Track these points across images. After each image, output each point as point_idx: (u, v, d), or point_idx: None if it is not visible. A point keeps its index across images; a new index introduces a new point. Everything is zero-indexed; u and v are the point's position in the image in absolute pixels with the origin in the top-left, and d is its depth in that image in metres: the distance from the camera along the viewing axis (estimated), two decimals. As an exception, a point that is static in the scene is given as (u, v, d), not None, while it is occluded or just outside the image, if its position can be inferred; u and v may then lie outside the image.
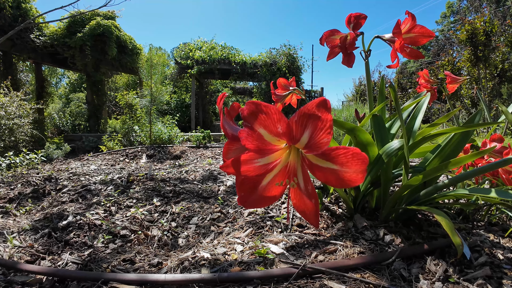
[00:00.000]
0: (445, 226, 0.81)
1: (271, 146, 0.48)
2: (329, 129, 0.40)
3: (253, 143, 0.47)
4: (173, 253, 1.13)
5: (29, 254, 1.29)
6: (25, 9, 5.30)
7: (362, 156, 0.41)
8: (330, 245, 0.96)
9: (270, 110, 0.43)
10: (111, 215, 1.66)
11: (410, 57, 1.13)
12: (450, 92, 2.12)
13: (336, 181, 0.44)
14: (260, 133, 0.45)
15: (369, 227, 1.09)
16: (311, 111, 0.41)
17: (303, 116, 0.42)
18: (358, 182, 0.44)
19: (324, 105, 0.40)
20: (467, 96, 7.84)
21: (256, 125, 0.45)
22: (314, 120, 0.41)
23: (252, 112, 0.44)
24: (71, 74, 12.44)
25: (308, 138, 0.43)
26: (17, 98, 4.05)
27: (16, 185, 2.41)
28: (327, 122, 0.41)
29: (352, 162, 0.42)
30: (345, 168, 0.43)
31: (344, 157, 0.42)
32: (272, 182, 0.52)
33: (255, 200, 0.53)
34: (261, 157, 0.50)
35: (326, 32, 1.19)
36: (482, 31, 6.78)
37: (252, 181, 0.52)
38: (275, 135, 0.45)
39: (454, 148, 1.22)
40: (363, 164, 0.42)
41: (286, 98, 2.03)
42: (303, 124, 0.42)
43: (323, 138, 0.41)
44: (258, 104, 0.43)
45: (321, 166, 0.45)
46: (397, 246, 0.97)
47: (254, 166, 0.50)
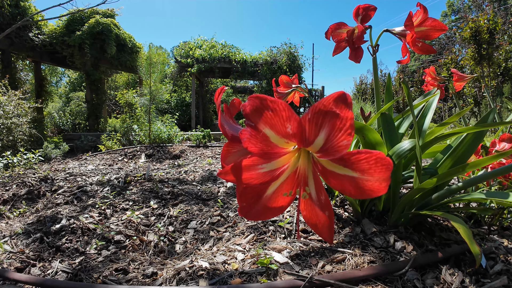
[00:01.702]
0: (463, 234, 0.74)
1: (278, 149, 0.41)
2: (349, 129, 0.33)
3: (257, 145, 0.40)
4: (169, 261, 1.06)
5: (19, 261, 1.23)
6: (23, 8, 5.22)
7: (386, 161, 0.34)
8: (338, 253, 0.90)
9: (278, 106, 0.36)
10: (106, 219, 1.60)
11: (421, 52, 1.06)
12: (457, 90, 2.05)
13: (355, 190, 0.38)
14: (266, 134, 0.38)
15: (379, 233, 1.02)
16: (327, 107, 0.34)
17: (318, 113, 0.34)
18: (381, 192, 0.37)
19: (344, 100, 0.33)
20: (470, 94, 7.75)
21: (261, 124, 0.38)
22: (331, 118, 0.34)
23: (256, 108, 0.37)
24: (71, 73, 12.37)
25: (324, 140, 0.36)
26: (15, 97, 3.99)
27: (11, 186, 2.35)
28: (347, 121, 0.33)
29: (376, 169, 0.35)
30: (366, 176, 0.36)
31: (366, 163, 0.35)
32: (278, 191, 0.45)
33: (259, 211, 0.47)
34: (266, 162, 0.42)
35: (332, 26, 1.12)
36: (486, 29, 6.68)
37: (255, 190, 0.45)
38: (284, 136, 0.39)
39: (467, 149, 1.15)
40: (387, 171, 0.35)
41: (288, 96, 1.96)
42: (318, 123, 0.35)
43: (342, 140, 0.34)
44: (263, 98, 0.36)
45: (337, 173, 0.38)
46: (409, 254, 0.90)
47: (257, 173, 0.43)
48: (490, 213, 0.96)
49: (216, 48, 9.88)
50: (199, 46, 9.94)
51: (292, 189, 0.44)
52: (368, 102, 6.32)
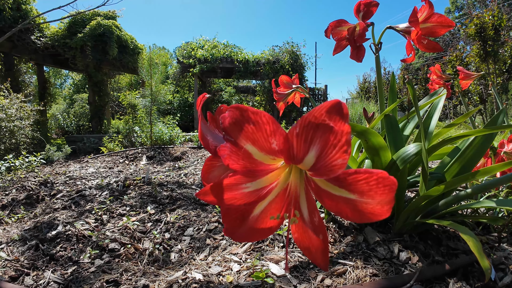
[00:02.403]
0: (473, 248, 0.69)
1: (264, 166, 0.36)
2: (345, 145, 0.28)
3: (239, 163, 0.35)
4: (163, 272, 1.02)
5: (14, 269, 1.21)
6: (25, 11, 5.23)
7: (390, 181, 0.29)
8: (339, 265, 0.84)
9: (261, 119, 0.31)
10: (102, 225, 1.57)
11: (427, 50, 1.00)
12: (463, 88, 1.98)
13: (353, 213, 0.32)
14: (248, 151, 0.33)
15: (382, 242, 0.97)
16: (319, 119, 0.29)
17: (308, 127, 0.29)
18: (383, 216, 0.32)
19: (339, 111, 0.28)
20: (475, 92, 7.58)
21: (242, 140, 0.33)
22: (324, 133, 0.29)
23: (236, 121, 0.32)
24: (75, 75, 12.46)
25: (315, 159, 0.31)
26: (18, 100, 4.00)
27: (11, 190, 2.34)
28: (343, 136, 0.28)
29: (377, 190, 0.30)
30: (366, 198, 0.31)
31: (365, 184, 0.30)
32: (266, 212, 0.40)
33: (245, 233, 0.41)
34: (251, 181, 0.38)
35: (332, 23, 1.06)
36: (490, 25, 6.53)
37: (239, 211, 0.40)
38: (269, 153, 0.34)
39: (476, 152, 1.09)
40: (390, 192, 0.30)
41: (289, 97, 1.91)
42: (308, 138, 0.30)
43: (337, 159, 0.29)
44: (244, 109, 0.31)
45: (333, 194, 0.33)
46: (415, 265, 0.84)
47: (241, 193, 0.38)
48: (501, 223, 0.90)
49: (218, 48, 9.84)
50: (201, 47, 9.91)
51: (281, 210, 0.39)
52: (371, 101, 6.22)
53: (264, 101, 9.93)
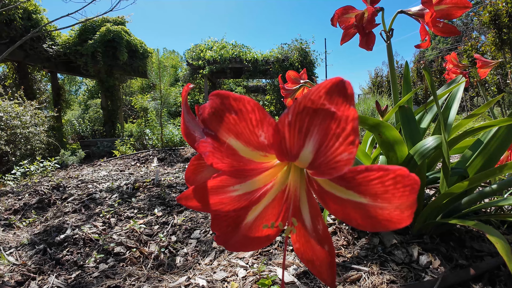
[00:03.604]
0: (501, 250, 0.60)
1: (255, 165, 0.30)
2: (351, 135, 0.22)
3: (223, 161, 0.29)
4: (166, 277, 0.98)
5: (20, 274, 1.21)
6: (36, 20, 5.40)
7: (411, 180, 0.23)
8: (352, 270, 0.78)
9: (245, 107, 0.25)
10: (110, 228, 1.55)
11: (443, 34, 0.91)
12: (482, 77, 1.84)
13: (365, 220, 0.26)
14: (231, 146, 0.28)
15: (400, 245, 0.89)
16: (317, 103, 0.23)
17: (304, 113, 0.23)
18: (403, 224, 0.25)
19: (342, 92, 0.22)
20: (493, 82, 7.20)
21: (223, 133, 0.27)
22: (323, 119, 0.23)
23: (216, 110, 0.26)
24: (89, 81, 12.82)
25: (314, 154, 0.25)
26: (32, 107, 4.12)
27: (23, 195, 2.39)
28: (347, 123, 0.22)
29: (395, 192, 0.23)
30: (380, 202, 0.24)
31: (379, 184, 0.23)
32: (261, 218, 0.34)
33: (239, 242, 0.36)
34: (240, 182, 0.32)
35: (338, 10, 0.99)
36: (505, 12, 6.20)
37: (230, 217, 0.35)
38: (257, 147, 0.28)
39: (500, 144, 1.00)
40: (412, 194, 0.23)
41: (297, 93, 1.84)
42: (304, 127, 0.24)
43: (341, 153, 0.23)
44: (224, 96, 0.26)
45: (339, 197, 0.27)
46: (436, 270, 0.76)
47: (229, 197, 0.32)
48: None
49: (226, 49, 9.84)
50: (209, 48, 9.94)
51: (278, 217, 0.33)
52: (384, 95, 6.01)
53: (275, 100, 9.85)
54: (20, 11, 4.95)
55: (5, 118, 3.66)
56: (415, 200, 0.25)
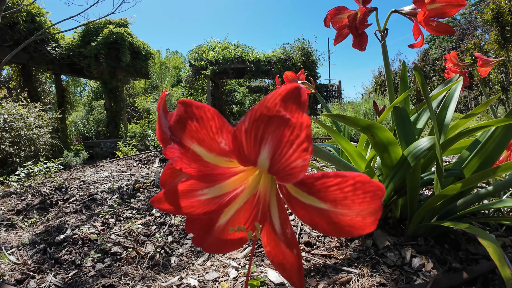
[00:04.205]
0: (493, 254, 0.60)
1: (223, 170, 0.31)
2: (305, 142, 0.22)
3: (191, 166, 0.30)
4: (160, 277, 0.99)
5: (20, 272, 1.23)
6: (39, 23, 5.49)
7: (372, 187, 0.23)
8: (342, 272, 0.77)
9: (205, 114, 0.26)
10: (109, 228, 1.57)
11: (438, 33, 0.90)
12: (483, 76, 1.82)
13: (329, 226, 0.26)
14: (196, 152, 0.29)
15: (393, 247, 0.88)
16: (272, 110, 0.23)
17: (259, 120, 0.23)
18: (366, 230, 0.25)
19: (296, 99, 0.22)
20: (496, 81, 7.09)
21: (187, 140, 0.28)
22: (277, 127, 0.23)
23: (180, 118, 0.27)
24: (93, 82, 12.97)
25: (270, 160, 0.25)
26: (36, 109, 4.18)
27: (26, 196, 2.42)
28: (302, 130, 0.22)
29: (355, 199, 0.23)
30: (340, 209, 0.24)
31: (338, 191, 0.23)
32: (233, 221, 0.35)
33: (213, 244, 0.36)
34: (208, 187, 0.32)
35: (331, 11, 0.99)
36: (507, 9, 6.11)
37: (203, 220, 0.35)
38: (219, 153, 0.28)
39: (497, 145, 0.98)
40: (374, 201, 0.23)
41: (293, 94, 1.84)
42: (259, 135, 0.24)
43: (295, 160, 0.23)
44: (188, 104, 0.26)
45: (304, 202, 0.27)
46: (429, 273, 0.75)
47: (199, 200, 0.33)
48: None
49: (229, 49, 9.87)
50: (212, 49, 9.98)
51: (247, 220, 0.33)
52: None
53: (276, 100, 9.85)
54: (24, 14, 5.03)
55: (10, 120, 3.72)
56: (378, 206, 0.25)
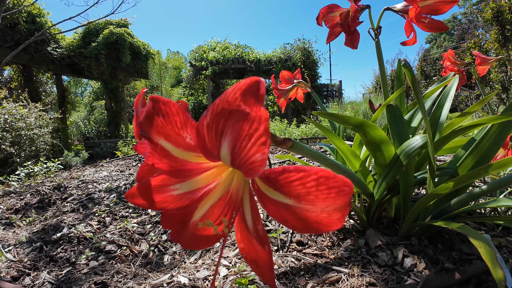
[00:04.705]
0: (484, 255, 0.58)
1: (193, 165, 0.31)
2: (263, 136, 0.22)
3: (162, 161, 0.30)
4: (152, 275, 0.99)
5: (16, 270, 1.24)
6: (40, 23, 5.51)
7: (337, 182, 0.22)
8: (332, 272, 0.77)
9: (171, 110, 0.26)
10: (105, 227, 1.57)
11: (430, 30, 0.89)
12: (481, 74, 1.80)
13: (297, 222, 0.26)
14: (164, 147, 0.29)
15: (385, 247, 0.87)
16: (233, 104, 0.22)
17: (220, 114, 0.23)
18: (334, 227, 0.25)
19: (255, 92, 0.22)
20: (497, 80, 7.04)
21: (154, 135, 0.28)
22: (237, 121, 0.23)
23: (148, 113, 0.27)
24: (94, 83, 13.03)
25: (230, 155, 0.24)
26: (36, 109, 4.20)
27: (25, 195, 2.43)
28: (260, 124, 0.22)
29: (318, 195, 0.23)
30: (305, 204, 0.24)
31: (300, 186, 0.23)
32: (207, 217, 0.35)
33: (189, 240, 0.36)
34: (180, 182, 0.32)
35: (323, 9, 0.98)
36: (507, 8, 6.07)
37: (178, 215, 0.35)
38: (186, 148, 0.28)
39: (492, 143, 0.97)
40: (339, 197, 0.23)
41: (290, 93, 1.83)
42: (219, 129, 0.24)
43: (255, 154, 0.22)
44: (156, 100, 0.26)
45: (271, 198, 0.26)
46: (420, 274, 0.75)
47: (171, 196, 0.32)
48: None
49: (229, 49, 9.87)
50: (212, 49, 9.99)
51: (219, 216, 0.33)
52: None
53: (277, 100, 9.85)
54: (24, 15, 5.06)
55: (10, 120, 3.74)
56: (345, 203, 0.24)
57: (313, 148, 0.52)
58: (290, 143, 0.46)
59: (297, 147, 0.48)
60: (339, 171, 0.70)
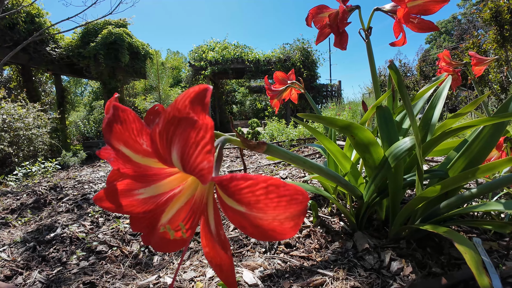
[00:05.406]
0: (469, 261, 0.57)
1: (156, 170, 0.31)
2: (208, 144, 0.22)
3: (126, 166, 0.30)
4: (140, 275, 0.99)
5: (10, 269, 1.24)
6: (39, 23, 5.52)
7: (288, 191, 0.22)
8: (317, 275, 0.76)
9: (128, 117, 0.26)
10: (97, 227, 1.57)
11: (420, 30, 0.89)
12: (477, 75, 1.79)
13: (253, 229, 0.25)
14: (124, 153, 0.29)
15: (373, 250, 0.87)
16: (182, 112, 0.22)
17: (171, 122, 0.23)
18: (287, 235, 0.24)
19: (202, 100, 0.22)
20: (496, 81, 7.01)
21: (114, 141, 0.28)
22: (185, 128, 0.22)
23: (109, 120, 0.27)
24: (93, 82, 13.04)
25: (180, 162, 0.25)
26: (34, 109, 4.20)
27: (22, 195, 2.44)
28: (207, 132, 0.22)
29: (268, 203, 0.23)
30: (256, 212, 0.24)
31: (250, 194, 0.23)
32: (174, 221, 0.34)
33: (158, 243, 0.36)
34: (144, 187, 0.32)
35: (312, 10, 0.98)
36: (506, 8, 6.05)
37: (146, 219, 0.35)
38: (145, 155, 0.28)
39: (484, 145, 0.96)
40: (291, 205, 0.22)
41: (284, 94, 1.83)
42: (169, 137, 0.24)
43: (202, 161, 0.22)
44: (115, 107, 0.26)
45: (228, 205, 0.26)
46: (407, 278, 0.74)
47: (137, 200, 0.32)
48: (508, 230, 0.77)
49: (228, 49, 9.87)
50: (211, 49, 9.99)
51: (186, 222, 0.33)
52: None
53: (276, 100, 9.84)
54: (23, 15, 5.06)
55: (9, 120, 3.75)
56: (298, 211, 0.24)
57: (290, 151, 0.52)
58: (265, 146, 0.46)
59: (272, 150, 0.47)
60: (321, 173, 0.70)
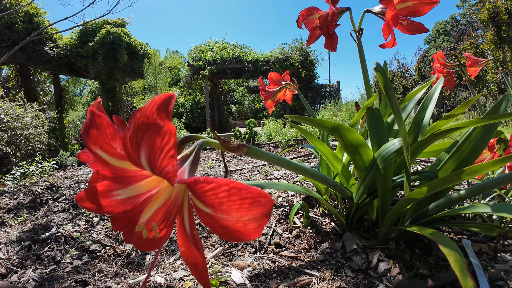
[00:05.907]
0: (453, 264, 0.57)
1: (133, 172, 0.32)
2: (172, 149, 0.23)
3: (104, 168, 0.31)
4: (131, 274, 1.00)
5: (5, 267, 1.25)
6: (37, 23, 5.51)
7: (250, 193, 0.23)
8: (304, 275, 0.77)
9: (102, 122, 0.28)
10: (92, 226, 1.58)
11: (410, 32, 0.89)
12: (472, 76, 1.80)
13: (221, 230, 0.26)
14: (101, 156, 0.30)
15: (361, 250, 0.88)
16: (150, 118, 0.24)
17: (140, 128, 0.24)
18: (251, 236, 0.25)
19: (166, 107, 0.23)
20: (493, 82, 7.03)
21: (91, 145, 0.30)
22: (152, 134, 0.24)
23: (86, 125, 0.29)
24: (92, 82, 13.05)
25: (148, 164, 0.26)
26: (32, 109, 4.21)
27: (18, 194, 2.44)
28: (171, 137, 0.23)
29: (231, 205, 0.24)
30: (220, 214, 0.25)
31: (213, 196, 0.24)
32: (152, 220, 0.35)
33: (138, 242, 0.37)
34: (122, 188, 0.34)
35: (303, 12, 0.98)
36: (503, 9, 6.07)
37: (126, 218, 0.36)
38: (120, 158, 0.30)
39: (474, 147, 0.97)
40: (254, 208, 0.23)
41: (278, 94, 1.84)
42: (138, 141, 0.25)
43: (166, 165, 0.23)
44: (92, 113, 0.28)
45: (197, 206, 0.27)
46: (393, 279, 0.75)
47: (115, 200, 0.34)
48: (495, 233, 0.77)
49: (227, 49, 9.87)
50: (210, 49, 9.99)
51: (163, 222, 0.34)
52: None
53: (275, 100, 9.86)
54: (22, 14, 5.07)
55: (6, 120, 3.75)
56: (261, 213, 0.24)
57: (272, 153, 0.52)
58: (245, 149, 0.46)
59: (253, 152, 0.48)
60: (307, 174, 0.70)
